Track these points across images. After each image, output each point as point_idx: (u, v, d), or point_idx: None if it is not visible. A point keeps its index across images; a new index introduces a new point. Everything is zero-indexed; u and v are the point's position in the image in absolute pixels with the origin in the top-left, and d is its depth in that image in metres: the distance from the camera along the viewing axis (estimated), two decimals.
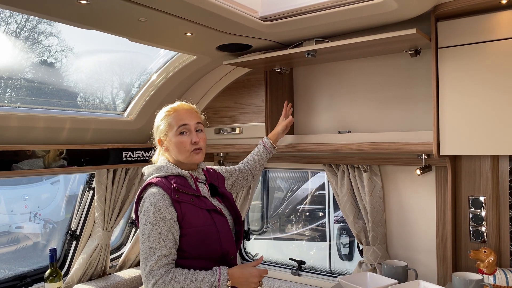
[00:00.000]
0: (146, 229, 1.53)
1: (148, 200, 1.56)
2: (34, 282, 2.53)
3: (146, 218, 1.54)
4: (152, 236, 1.52)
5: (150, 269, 1.50)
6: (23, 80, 2.32)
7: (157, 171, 1.67)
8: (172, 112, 1.74)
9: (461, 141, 1.79)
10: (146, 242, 1.52)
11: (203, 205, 1.65)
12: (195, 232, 1.58)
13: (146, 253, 1.52)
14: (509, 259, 1.99)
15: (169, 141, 1.71)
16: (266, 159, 2.23)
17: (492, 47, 1.71)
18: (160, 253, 1.50)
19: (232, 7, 1.70)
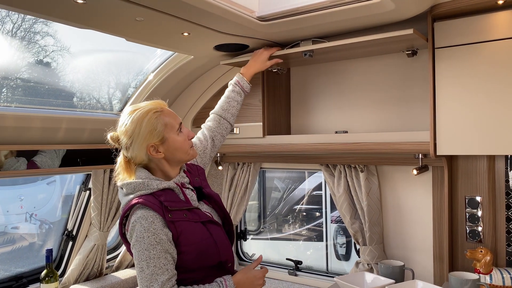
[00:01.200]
0: (143, 256, 1.41)
1: (140, 225, 1.42)
2: (30, 282, 2.51)
3: (140, 244, 1.41)
4: (152, 262, 1.40)
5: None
6: (19, 80, 2.31)
7: (139, 188, 1.48)
8: (159, 112, 1.53)
9: (458, 141, 1.79)
10: (145, 270, 1.41)
11: (197, 217, 1.54)
12: (193, 249, 1.48)
13: (147, 281, 1.40)
14: (505, 259, 2.00)
15: (168, 144, 1.52)
16: (241, 100, 1.99)
17: (488, 48, 1.72)
18: (162, 278, 1.40)
19: (229, 6, 1.70)
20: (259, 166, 2.78)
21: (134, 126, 1.50)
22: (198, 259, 1.50)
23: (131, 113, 1.53)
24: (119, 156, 1.59)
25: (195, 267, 1.51)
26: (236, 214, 2.81)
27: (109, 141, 1.57)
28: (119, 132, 1.55)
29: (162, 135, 1.51)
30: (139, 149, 1.50)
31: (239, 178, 2.79)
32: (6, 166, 2.07)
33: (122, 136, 1.53)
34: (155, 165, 1.55)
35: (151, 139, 1.50)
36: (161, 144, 1.52)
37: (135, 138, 1.50)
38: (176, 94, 2.70)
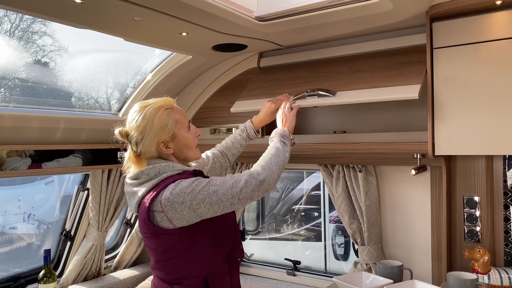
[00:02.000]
0: (208, 186, 1.40)
1: (180, 184, 1.40)
2: (28, 283, 2.51)
3: (193, 190, 1.39)
4: (212, 180, 1.42)
5: (242, 185, 1.41)
6: (17, 79, 2.31)
7: (166, 169, 1.49)
8: (170, 108, 1.55)
9: (456, 141, 1.79)
10: (220, 186, 1.41)
11: None
12: (219, 220, 1.49)
13: (226, 188, 1.41)
14: (503, 259, 2.00)
15: (178, 140, 1.55)
16: (244, 141, 2.04)
17: (487, 48, 1.72)
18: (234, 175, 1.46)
19: (227, 7, 1.70)
20: None
21: (146, 122, 1.51)
22: (219, 233, 1.52)
23: (142, 109, 1.54)
24: (126, 152, 1.59)
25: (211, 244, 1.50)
26: None
27: (117, 136, 1.57)
28: (128, 128, 1.56)
29: (173, 131, 1.54)
30: (150, 144, 1.52)
31: None
32: (7, 164, 2.08)
33: (132, 131, 1.54)
34: (170, 159, 1.58)
35: (162, 135, 1.52)
36: (171, 140, 1.54)
37: (146, 134, 1.51)
38: (175, 94, 2.70)
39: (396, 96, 1.82)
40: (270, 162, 1.54)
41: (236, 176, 1.45)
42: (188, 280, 1.48)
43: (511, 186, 1.98)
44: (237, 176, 1.45)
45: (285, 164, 1.61)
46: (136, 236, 2.92)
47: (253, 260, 3.00)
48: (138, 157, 1.54)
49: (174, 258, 1.47)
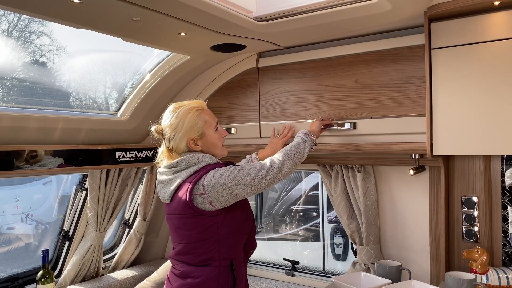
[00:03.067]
0: (242, 171, 1.62)
1: (219, 171, 1.61)
2: (26, 283, 2.50)
3: (231, 173, 1.60)
4: (246, 166, 1.65)
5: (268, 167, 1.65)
6: (15, 79, 2.30)
7: (204, 159, 1.68)
8: (201, 110, 1.74)
9: (454, 142, 1.80)
10: (251, 169, 1.63)
11: None
12: (243, 209, 1.70)
13: (256, 171, 1.63)
14: (502, 259, 2.01)
15: (206, 138, 1.72)
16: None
17: (485, 48, 1.72)
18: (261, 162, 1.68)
19: (226, 7, 1.70)
20: None
21: (178, 120, 1.70)
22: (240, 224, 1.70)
23: (175, 109, 1.74)
24: (160, 147, 1.77)
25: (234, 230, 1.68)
26: None
27: (153, 132, 1.76)
28: (163, 125, 1.74)
29: (201, 130, 1.71)
30: (181, 141, 1.70)
31: None
32: (42, 162, 2.18)
33: (166, 128, 1.72)
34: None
35: (192, 133, 1.70)
36: (200, 138, 1.72)
37: (178, 131, 1.69)
38: (173, 94, 2.70)
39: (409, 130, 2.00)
40: (290, 151, 1.77)
41: (262, 162, 1.69)
42: (217, 261, 1.65)
43: (509, 186, 1.99)
44: (263, 161, 1.69)
45: (304, 157, 1.83)
46: (135, 237, 2.92)
47: (252, 260, 3.00)
48: (170, 151, 1.73)
49: (207, 240, 1.63)
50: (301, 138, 1.89)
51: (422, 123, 1.92)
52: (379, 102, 2.08)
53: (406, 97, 2.01)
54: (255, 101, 2.47)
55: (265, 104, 2.44)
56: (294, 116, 2.33)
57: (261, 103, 2.45)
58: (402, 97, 2.02)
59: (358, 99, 2.14)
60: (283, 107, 2.37)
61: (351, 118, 2.15)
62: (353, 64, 2.16)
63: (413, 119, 1.98)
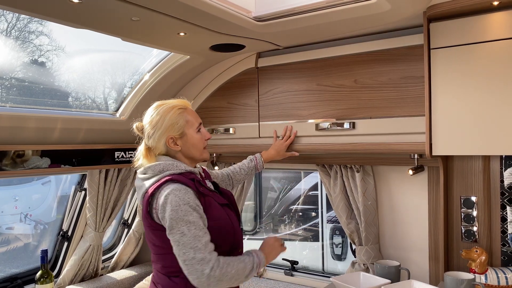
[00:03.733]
0: (182, 222, 1.47)
1: (174, 195, 1.49)
2: (25, 283, 2.50)
3: (177, 213, 1.47)
4: (192, 226, 1.47)
5: (201, 256, 1.44)
6: (13, 79, 2.30)
7: (169, 168, 1.60)
8: (183, 109, 1.68)
9: (453, 142, 1.80)
10: (187, 233, 1.46)
11: (217, 199, 1.66)
12: (215, 225, 1.57)
13: (190, 243, 1.46)
14: (500, 259, 2.01)
15: (186, 138, 1.66)
16: (251, 175, 2.24)
17: (484, 48, 1.73)
18: (205, 239, 1.48)
19: (225, 7, 1.70)
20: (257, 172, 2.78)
21: (159, 118, 1.65)
22: (216, 238, 1.55)
23: (158, 107, 1.69)
24: (140, 145, 1.72)
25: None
26: None
27: (134, 129, 1.73)
28: (144, 122, 1.70)
29: (182, 130, 1.66)
30: (160, 139, 1.65)
31: None
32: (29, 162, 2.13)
33: (147, 125, 1.68)
34: (172, 156, 1.68)
35: (171, 132, 1.64)
36: (180, 138, 1.66)
37: (157, 129, 1.64)
38: (172, 94, 2.70)
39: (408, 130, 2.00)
40: (231, 268, 1.50)
41: (203, 249, 1.46)
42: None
43: (508, 186, 1.99)
44: (204, 251, 1.45)
45: (239, 282, 1.58)
46: (134, 237, 2.92)
47: None
48: (148, 150, 1.68)
49: (170, 254, 1.52)
50: (254, 265, 1.61)
51: (421, 123, 1.92)
52: (378, 102, 2.08)
53: (405, 97, 2.01)
54: (254, 101, 2.47)
55: (264, 104, 2.44)
56: (293, 116, 2.33)
57: (260, 103, 2.45)
58: (401, 97, 2.02)
59: (357, 99, 2.14)
60: (282, 107, 2.37)
61: (350, 118, 2.15)
62: (352, 64, 2.16)
63: (412, 119, 1.98)
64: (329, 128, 2.19)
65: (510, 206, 1.98)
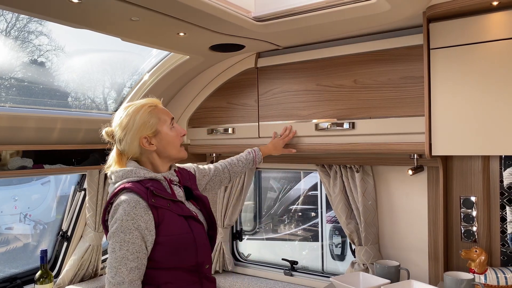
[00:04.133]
0: (118, 238, 1.41)
1: (122, 208, 1.43)
2: (25, 283, 2.50)
3: (118, 226, 1.41)
4: (125, 245, 1.40)
5: (120, 280, 1.39)
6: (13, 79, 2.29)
7: (128, 175, 1.52)
8: (154, 106, 1.61)
9: (453, 142, 1.80)
10: (117, 251, 1.41)
11: (180, 211, 1.54)
12: (171, 241, 1.48)
13: (117, 263, 1.40)
14: (500, 259, 2.01)
15: (161, 136, 1.58)
16: (248, 168, 2.20)
17: (483, 49, 1.73)
18: (132, 264, 1.40)
19: (225, 7, 1.70)
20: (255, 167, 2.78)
21: (129, 119, 1.57)
22: (173, 254, 1.48)
23: (126, 108, 1.61)
24: (113, 150, 1.64)
25: (170, 266, 1.49)
26: (232, 215, 2.81)
27: (104, 136, 1.63)
28: (114, 126, 1.62)
29: (155, 127, 1.58)
30: (132, 141, 1.56)
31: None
32: (11, 165, 2.07)
33: (117, 128, 1.60)
34: (146, 158, 1.61)
35: (144, 131, 1.57)
36: (154, 136, 1.58)
37: (128, 130, 1.56)
38: (172, 94, 2.70)
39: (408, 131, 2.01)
40: None
41: (125, 274, 1.39)
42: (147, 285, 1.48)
43: (507, 186, 1.99)
44: (124, 277, 1.39)
45: None
46: None
47: (250, 260, 3.00)
48: (120, 155, 1.60)
49: None
50: None
51: (420, 123, 1.92)
52: (377, 102, 2.08)
53: (404, 97, 2.01)
54: (254, 101, 2.47)
55: (264, 104, 2.44)
56: (293, 116, 2.33)
57: (260, 103, 2.45)
58: (401, 97, 2.02)
59: (356, 99, 2.14)
60: (282, 107, 2.37)
61: (349, 118, 2.15)
62: (352, 64, 2.16)
63: (412, 119, 1.98)
64: (329, 128, 2.19)
65: (510, 206, 1.98)
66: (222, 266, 2.88)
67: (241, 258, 3.03)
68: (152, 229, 1.45)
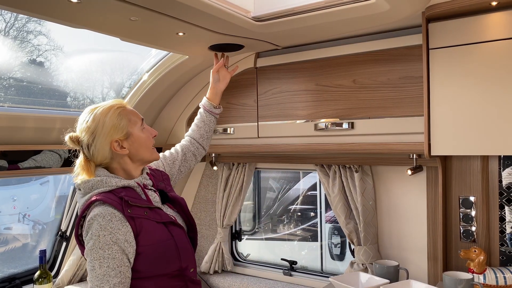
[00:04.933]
0: (96, 255, 1.34)
1: (97, 223, 1.35)
2: (24, 284, 2.49)
3: (95, 242, 1.34)
4: (105, 262, 1.33)
5: None
6: (12, 79, 2.29)
7: (98, 185, 1.43)
8: (122, 107, 1.52)
9: (452, 142, 1.80)
10: (97, 269, 1.33)
11: (158, 217, 1.48)
12: (152, 250, 1.42)
13: (98, 281, 1.33)
14: (499, 259, 2.01)
15: (133, 139, 1.50)
16: (211, 122, 2.00)
17: (482, 49, 1.73)
18: (115, 280, 1.33)
19: (224, 7, 1.69)
20: (254, 166, 2.78)
21: (97, 122, 1.46)
22: (156, 263, 1.43)
23: (92, 110, 1.50)
24: (78, 157, 1.53)
25: (153, 274, 1.44)
26: (231, 214, 2.81)
27: (68, 142, 1.50)
28: (79, 131, 1.50)
29: (126, 129, 1.49)
30: (102, 146, 1.46)
31: (234, 178, 2.78)
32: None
33: (83, 133, 1.48)
34: (117, 164, 1.52)
35: (115, 134, 1.47)
36: (126, 139, 1.49)
37: (97, 134, 1.46)
38: (171, 94, 2.69)
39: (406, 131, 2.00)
40: None
41: None
42: None
43: (506, 186, 1.99)
44: None
45: None
46: None
47: (250, 260, 3.00)
48: (88, 162, 1.48)
49: None
50: None
51: (420, 123, 1.92)
52: (377, 102, 2.08)
53: (404, 97, 2.01)
54: (253, 101, 2.47)
55: (263, 104, 2.44)
56: (292, 116, 2.33)
57: (259, 103, 2.45)
58: (400, 97, 2.02)
59: (356, 99, 2.14)
60: (281, 107, 2.37)
61: (349, 118, 2.15)
62: (351, 64, 2.16)
63: (411, 119, 1.98)
64: (328, 128, 2.19)
65: (509, 206, 1.99)
66: (221, 266, 2.88)
67: (240, 258, 3.03)
68: (131, 240, 1.39)
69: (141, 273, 1.42)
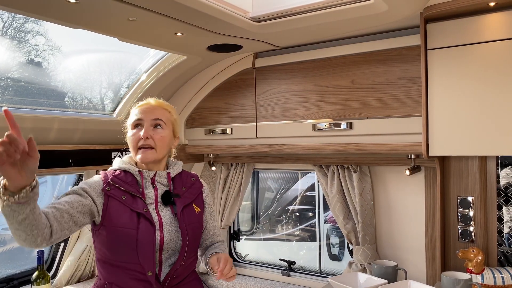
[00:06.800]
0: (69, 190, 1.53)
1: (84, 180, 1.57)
2: (21, 284, 2.49)
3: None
4: (70, 191, 1.51)
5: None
6: (9, 79, 2.28)
7: (113, 164, 1.68)
8: (143, 104, 1.67)
9: (450, 142, 1.81)
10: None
11: (134, 206, 1.51)
12: (111, 231, 1.49)
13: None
14: (497, 259, 2.02)
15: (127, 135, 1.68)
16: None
17: (480, 49, 1.73)
18: (66, 198, 1.47)
19: (222, 7, 1.70)
20: (253, 167, 2.78)
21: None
22: (114, 246, 1.51)
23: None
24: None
25: (114, 261, 1.53)
26: (229, 215, 2.81)
27: None
28: None
29: (127, 125, 1.69)
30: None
31: (233, 179, 2.78)
32: None
33: None
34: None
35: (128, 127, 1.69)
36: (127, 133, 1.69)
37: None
38: (169, 94, 2.69)
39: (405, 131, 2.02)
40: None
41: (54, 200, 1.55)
42: (99, 279, 1.60)
43: (504, 186, 2.00)
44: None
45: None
46: None
47: (248, 261, 3.00)
48: None
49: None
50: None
51: (418, 124, 1.93)
52: (375, 102, 2.09)
53: (402, 97, 2.02)
54: (252, 101, 2.47)
55: (261, 104, 2.44)
56: (290, 117, 2.33)
57: (258, 104, 2.45)
58: (398, 97, 2.03)
59: (354, 100, 2.14)
60: (280, 108, 2.37)
61: (347, 118, 2.16)
62: (349, 65, 2.16)
63: (409, 119, 1.98)
64: (326, 128, 2.20)
65: (506, 206, 1.99)
66: None
67: (238, 258, 3.03)
68: (99, 203, 1.52)
69: (104, 252, 1.54)
